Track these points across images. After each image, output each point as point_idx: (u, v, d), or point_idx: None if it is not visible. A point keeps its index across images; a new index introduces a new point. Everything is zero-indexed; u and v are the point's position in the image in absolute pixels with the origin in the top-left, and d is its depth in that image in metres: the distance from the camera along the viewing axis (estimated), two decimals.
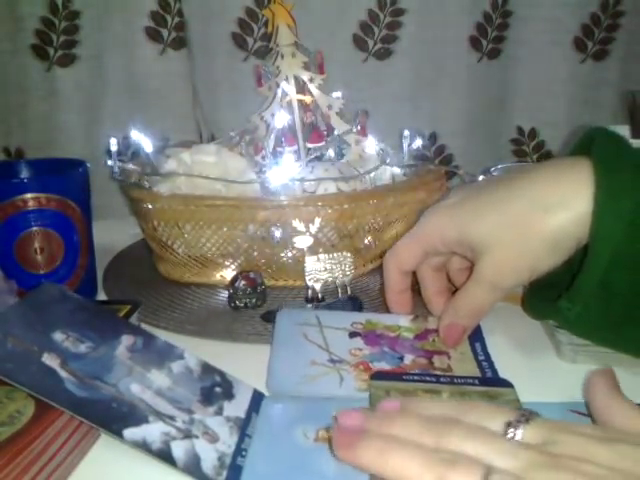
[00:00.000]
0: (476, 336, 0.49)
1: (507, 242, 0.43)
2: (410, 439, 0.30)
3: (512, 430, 0.29)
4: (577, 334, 0.46)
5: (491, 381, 0.43)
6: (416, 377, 0.43)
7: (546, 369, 0.47)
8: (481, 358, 0.47)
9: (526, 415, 0.30)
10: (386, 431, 0.31)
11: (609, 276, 0.40)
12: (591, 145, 0.43)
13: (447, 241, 0.46)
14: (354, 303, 0.55)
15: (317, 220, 0.55)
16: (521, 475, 0.27)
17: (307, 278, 0.56)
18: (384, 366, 0.45)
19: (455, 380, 0.42)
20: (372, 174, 0.60)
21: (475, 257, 0.45)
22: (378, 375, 0.43)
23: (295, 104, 0.64)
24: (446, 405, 0.33)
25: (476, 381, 0.42)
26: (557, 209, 0.41)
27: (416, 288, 0.59)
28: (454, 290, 0.52)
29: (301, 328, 0.50)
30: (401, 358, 0.46)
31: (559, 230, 0.42)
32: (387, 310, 0.54)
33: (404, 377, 0.43)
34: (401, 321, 0.51)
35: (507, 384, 0.42)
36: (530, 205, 0.43)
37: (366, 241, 0.60)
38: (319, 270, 0.56)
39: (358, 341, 0.48)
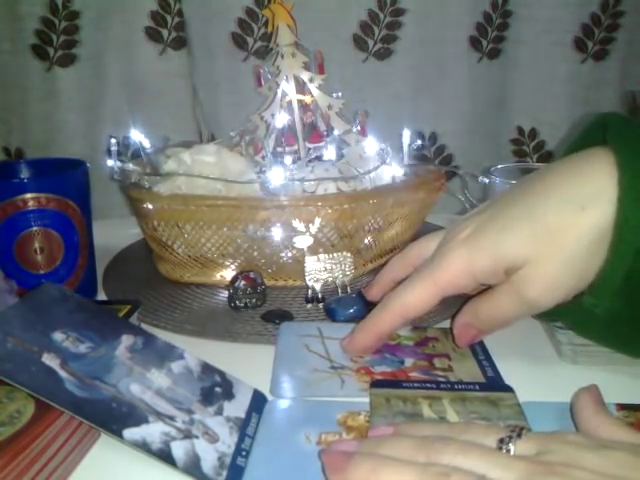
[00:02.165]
0: None
1: (546, 252, 0.38)
2: (402, 457, 0.30)
3: (505, 446, 0.30)
4: (594, 335, 0.43)
5: (491, 386, 0.43)
6: (416, 384, 0.43)
7: (546, 369, 0.47)
8: (481, 358, 0.47)
9: (517, 430, 0.30)
10: (377, 452, 0.31)
11: (636, 267, 0.36)
12: (604, 132, 0.40)
13: (479, 274, 0.40)
14: (364, 297, 0.54)
15: (317, 220, 0.55)
16: None
17: (307, 278, 0.56)
18: (385, 370, 0.45)
19: (455, 386, 0.42)
20: (372, 174, 0.60)
21: (510, 274, 0.40)
22: (378, 383, 0.43)
23: (295, 104, 0.64)
24: (438, 427, 0.34)
25: (476, 386, 0.42)
26: (594, 203, 0.37)
27: None
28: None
29: (303, 339, 0.50)
30: (402, 362, 0.46)
31: (602, 225, 0.37)
32: None
33: (404, 384, 0.43)
34: (401, 331, 0.51)
35: (508, 389, 0.42)
36: (564, 202, 0.38)
37: (366, 241, 0.60)
38: (319, 270, 0.56)
39: None
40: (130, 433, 0.35)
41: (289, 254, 0.58)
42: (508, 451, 0.30)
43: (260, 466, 0.36)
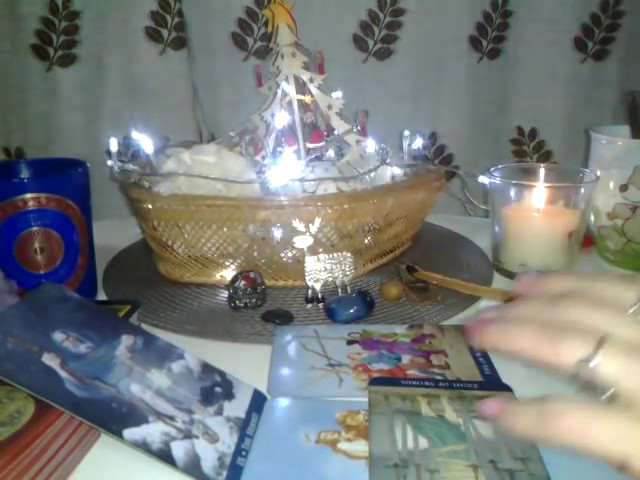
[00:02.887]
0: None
1: None
2: (530, 316, 0.30)
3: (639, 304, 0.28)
4: None
5: (490, 385, 0.43)
6: (415, 382, 0.43)
7: (546, 369, 0.47)
8: (478, 354, 0.47)
9: None
10: (511, 314, 0.32)
11: None
12: None
13: None
14: (364, 297, 0.55)
15: (317, 220, 0.55)
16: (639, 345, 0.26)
17: (307, 278, 0.56)
18: (382, 367, 0.46)
19: (454, 385, 0.42)
20: (372, 174, 0.60)
21: None
22: (376, 380, 0.43)
23: (295, 104, 0.64)
24: (579, 277, 0.32)
25: (475, 385, 0.42)
26: None
27: (415, 288, 0.59)
28: None
29: (299, 340, 0.50)
30: (399, 359, 0.47)
31: None
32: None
33: (403, 382, 0.43)
34: (397, 329, 0.51)
35: (506, 388, 0.42)
36: None
37: (366, 241, 0.60)
38: (319, 270, 0.56)
39: (356, 347, 0.49)
40: (130, 433, 0.35)
41: (289, 254, 0.58)
42: None
43: (259, 463, 0.36)
